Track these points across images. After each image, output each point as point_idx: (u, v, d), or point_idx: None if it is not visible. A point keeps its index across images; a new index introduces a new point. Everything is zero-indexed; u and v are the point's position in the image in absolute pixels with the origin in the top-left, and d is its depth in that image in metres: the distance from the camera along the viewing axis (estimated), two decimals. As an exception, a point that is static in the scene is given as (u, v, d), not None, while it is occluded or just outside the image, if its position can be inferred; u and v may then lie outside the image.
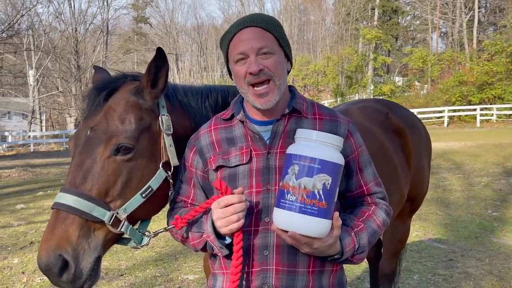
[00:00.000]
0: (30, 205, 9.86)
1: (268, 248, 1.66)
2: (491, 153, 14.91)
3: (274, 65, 1.68)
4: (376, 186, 1.82)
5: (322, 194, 1.49)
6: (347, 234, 1.64)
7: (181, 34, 60.98)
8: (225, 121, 1.85)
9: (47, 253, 1.66)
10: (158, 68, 1.89)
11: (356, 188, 1.80)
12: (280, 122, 1.75)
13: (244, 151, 1.74)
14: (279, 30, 1.75)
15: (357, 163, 1.79)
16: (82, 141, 1.83)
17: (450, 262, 5.42)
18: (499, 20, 41.55)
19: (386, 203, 1.83)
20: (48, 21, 38.33)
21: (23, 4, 31.05)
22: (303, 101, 1.82)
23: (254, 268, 1.68)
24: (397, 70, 50.33)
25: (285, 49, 1.77)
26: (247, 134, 1.77)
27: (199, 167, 1.85)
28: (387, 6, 48.73)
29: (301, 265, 1.66)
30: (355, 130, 1.83)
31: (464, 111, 31.22)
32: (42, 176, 15.37)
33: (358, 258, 1.69)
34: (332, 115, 1.81)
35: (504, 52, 31.23)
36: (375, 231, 1.72)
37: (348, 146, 1.76)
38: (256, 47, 1.67)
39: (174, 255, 6.02)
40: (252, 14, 1.81)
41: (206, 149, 1.83)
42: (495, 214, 7.59)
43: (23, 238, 7.11)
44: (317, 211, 1.49)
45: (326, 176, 1.50)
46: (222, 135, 1.82)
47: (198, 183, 1.87)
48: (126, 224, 1.78)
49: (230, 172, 1.75)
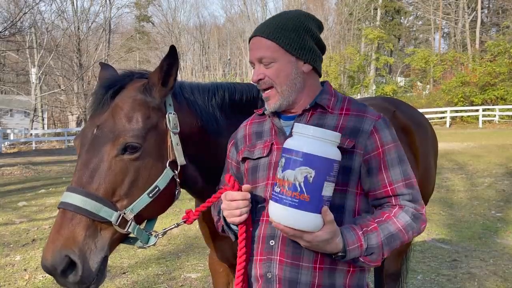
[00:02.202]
0: (32, 203, 9.85)
1: (275, 238, 1.69)
2: (493, 154, 14.87)
3: (275, 73, 1.73)
4: (404, 188, 1.70)
5: (303, 187, 1.48)
6: (352, 232, 1.59)
7: (183, 33, 60.99)
8: (259, 116, 1.93)
9: (53, 253, 1.64)
10: (171, 66, 1.89)
11: (379, 188, 1.71)
12: (302, 118, 1.76)
13: (266, 144, 1.80)
14: (289, 35, 1.72)
15: (381, 161, 1.70)
16: (88, 139, 1.81)
17: (454, 263, 5.39)
18: (502, 21, 41.52)
19: (415, 206, 1.70)
20: (51, 19, 38.41)
21: (26, 2, 31.04)
22: (331, 97, 1.81)
23: (260, 256, 1.73)
24: (399, 70, 50.29)
25: (295, 53, 1.73)
26: (273, 129, 1.82)
27: (234, 159, 1.94)
28: (390, 6, 48.65)
29: (305, 259, 1.65)
30: (385, 127, 1.74)
31: (467, 112, 31.19)
32: (44, 174, 15.37)
33: (369, 260, 1.61)
34: (360, 111, 1.76)
35: (507, 53, 31.21)
36: (393, 234, 1.63)
37: (370, 143, 1.70)
38: (257, 57, 1.75)
39: (177, 253, 6.00)
40: (268, 19, 1.83)
41: (240, 142, 1.92)
42: (499, 214, 7.55)
43: (25, 236, 7.10)
44: (298, 203, 1.48)
45: (308, 169, 1.48)
46: (254, 129, 1.90)
47: (233, 173, 1.93)
48: (133, 224, 1.78)
49: (253, 164, 1.81)
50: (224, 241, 2.47)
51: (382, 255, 1.62)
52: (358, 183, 1.71)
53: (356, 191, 1.72)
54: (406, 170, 1.73)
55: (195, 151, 2.04)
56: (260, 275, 1.72)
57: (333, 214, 1.56)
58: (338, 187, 1.61)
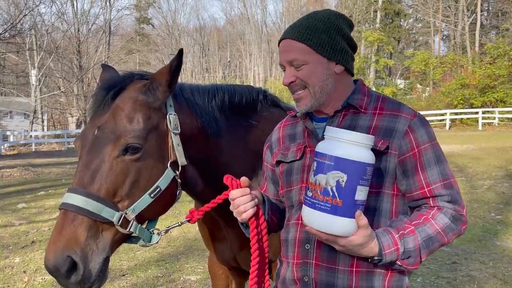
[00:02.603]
0: (31, 205, 9.85)
1: (310, 242, 1.70)
2: (493, 156, 14.87)
3: (307, 74, 1.70)
4: (442, 188, 1.64)
5: (335, 191, 1.47)
6: (389, 236, 1.55)
7: (183, 35, 61.05)
8: (292, 118, 1.92)
9: (55, 254, 1.65)
10: (178, 68, 1.90)
11: (416, 189, 1.65)
12: (335, 119, 1.74)
13: (299, 147, 1.80)
14: (319, 36, 1.69)
15: (417, 162, 1.64)
16: (89, 140, 1.82)
17: (453, 265, 5.39)
18: (501, 23, 41.57)
19: (454, 206, 1.64)
20: (51, 21, 38.46)
21: (26, 4, 31.12)
22: (363, 96, 1.76)
23: (297, 259, 1.73)
24: (399, 72, 50.33)
25: (327, 54, 1.71)
26: (305, 131, 1.82)
27: (269, 161, 1.97)
28: (390, 8, 48.73)
29: (341, 263, 1.64)
30: (421, 125, 1.66)
31: (466, 114, 31.21)
32: (43, 176, 15.37)
33: (407, 264, 1.56)
34: (394, 110, 1.71)
35: (507, 55, 31.23)
36: (431, 237, 1.58)
37: (405, 143, 1.64)
38: (287, 60, 1.72)
39: (176, 255, 6.00)
40: (297, 21, 1.79)
41: (274, 144, 1.94)
42: (498, 217, 7.55)
43: (24, 238, 7.09)
44: (330, 208, 1.47)
45: (340, 173, 1.46)
46: (287, 131, 1.91)
47: (269, 175, 1.98)
48: (135, 224, 1.78)
49: (287, 167, 1.82)
50: (223, 243, 2.48)
51: (420, 258, 1.58)
52: (394, 184, 1.68)
53: (393, 192, 1.68)
54: (444, 169, 1.67)
55: (195, 152, 2.04)
56: (298, 279, 1.73)
57: (369, 216, 1.54)
58: (372, 189, 1.59)
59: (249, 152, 2.29)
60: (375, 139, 1.57)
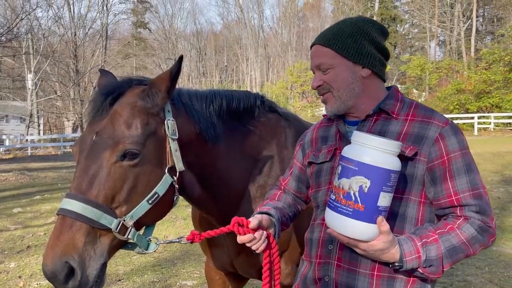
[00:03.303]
0: (27, 209, 9.80)
1: (333, 243, 1.73)
2: (489, 162, 14.90)
3: (332, 78, 1.77)
4: (471, 198, 1.62)
5: (358, 196, 1.48)
6: (411, 243, 1.55)
7: (180, 39, 61.08)
8: (327, 120, 1.97)
9: (53, 260, 1.64)
10: (177, 74, 1.91)
11: (444, 197, 1.64)
12: (366, 123, 1.77)
13: (330, 149, 1.85)
14: (345, 41, 1.74)
15: (446, 170, 1.63)
16: (87, 146, 1.81)
17: (449, 270, 5.39)
18: (497, 29, 41.81)
19: (482, 217, 1.61)
20: (47, 25, 38.32)
21: (23, 8, 31.02)
22: (396, 102, 1.77)
23: (319, 259, 1.78)
24: (395, 77, 50.44)
25: (352, 58, 1.74)
26: (337, 134, 1.86)
27: (300, 160, 2.02)
28: (386, 14, 48.99)
29: (363, 266, 1.66)
30: (452, 134, 1.67)
31: (462, 119, 31.29)
32: (39, 180, 15.30)
33: (428, 272, 1.56)
34: (426, 116, 1.71)
35: (502, 61, 31.36)
36: (455, 247, 1.56)
37: (434, 150, 1.64)
38: (315, 64, 1.80)
39: (172, 260, 5.98)
40: (328, 27, 1.85)
41: (307, 145, 1.99)
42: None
43: (19, 242, 7.06)
44: (352, 212, 1.48)
45: (363, 178, 1.47)
46: (320, 133, 1.96)
47: (295, 173, 2.03)
48: (133, 231, 1.78)
49: (317, 168, 1.87)
50: (221, 248, 2.48)
51: (443, 267, 1.57)
52: (422, 192, 1.67)
53: (420, 199, 1.68)
54: (474, 179, 1.65)
55: (192, 158, 2.04)
56: (318, 278, 1.76)
57: (393, 222, 1.58)
58: (398, 194, 1.61)
59: (247, 157, 2.30)
60: (403, 145, 1.59)
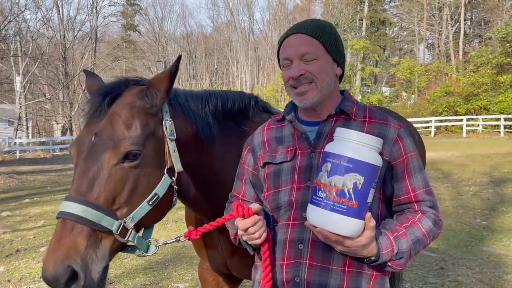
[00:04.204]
0: (16, 213, 9.70)
1: (304, 242, 1.71)
2: (478, 163, 15.06)
3: (317, 69, 1.76)
4: (425, 194, 1.77)
5: (352, 193, 1.49)
6: (386, 237, 1.63)
7: (170, 42, 60.94)
8: (277, 122, 1.95)
9: (55, 264, 1.61)
10: (175, 74, 1.89)
11: (403, 194, 1.76)
12: (327, 123, 1.81)
13: (290, 149, 1.82)
14: (328, 36, 1.79)
15: (405, 168, 1.75)
16: (86, 147, 1.78)
17: (441, 271, 5.43)
18: (484, 32, 42.21)
19: (435, 212, 1.77)
20: (36, 27, 38.10)
21: (11, 10, 30.89)
22: (353, 104, 1.85)
23: (288, 260, 1.74)
24: (384, 80, 50.81)
25: (333, 54, 1.81)
26: (295, 134, 1.85)
27: (251, 165, 1.95)
28: (375, 17, 49.26)
29: (335, 263, 1.68)
30: (407, 135, 1.80)
31: (451, 122, 31.57)
32: (28, 183, 15.17)
33: (397, 264, 1.65)
34: (382, 119, 1.81)
35: (490, 63, 31.71)
36: (419, 239, 1.68)
37: (396, 150, 1.75)
38: (300, 53, 1.76)
39: (164, 263, 5.95)
40: (305, 20, 1.88)
41: (257, 148, 1.94)
42: (484, 223, 7.63)
43: (8, 246, 6.98)
44: (346, 209, 1.49)
45: (357, 175, 1.49)
46: (272, 134, 1.93)
47: (249, 179, 1.96)
48: (133, 233, 1.76)
49: (275, 169, 1.83)
50: (215, 250, 2.47)
51: (408, 259, 1.67)
52: (381, 189, 1.75)
53: (380, 196, 1.76)
54: (425, 177, 1.80)
55: (188, 158, 2.03)
56: (287, 280, 1.73)
57: None
58: None
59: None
60: None
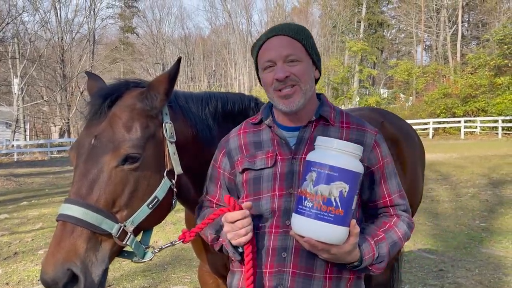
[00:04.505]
0: (13, 215, 9.68)
1: (287, 250, 1.69)
2: (476, 165, 15.07)
3: (301, 71, 1.73)
4: (399, 198, 1.82)
5: (338, 202, 1.50)
6: (367, 242, 1.64)
7: (168, 44, 60.93)
8: (254, 125, 1.90)
9: (54, 267, 1.59)
10: (176, 76, 1.88)
11: (379, 199, 1.79)
12: (307, 129, 1.78)
13: (270, 155, 1.77)
14: (308, 39, 1.79)
15: (382, 174, 1.79)
16: (86, 149, 1.77)
17: (440, 273, 5.42)
18: (482, 34, 42.37)
19: (408, 216, 1.82)
20: (34, 29, 37.98)
21: (9, 12, 30.84)
22: (331, 109, 1.84)
23: (271, 268, 1.71)
24: (382, 82, 50.91)
25: (313, 57, 1.80)
26: (274, 139, 1.81)
27: (227, 169, 1.88)
28: (373, 19, 49.38)
29: (318, 270, 1.67)
30: (383, 140, 1.83)
31: (449, 123, 31.64)
32: (26, 186, 15.13)
33: (377, 268, 1.68)
34: (360, 125, 1.82)
35: (487, 65, 31.82)
36: (396, 242, 1.72)
37: (374, 156, 1.77)
38: (284, 54, 1.72)
39: (163, 265, 5.93)
40: (283, 23, 1.85)
41: (234, 152, 1.87)
42: (483, 224, 7.63)
43: (6, 249, 6.95)
44: (334, 218, 1.49)
45: (343, 183, 1.50)
46: (250, 138, 1.87)
47: (224, 184, 1.90)
48: (131, 238, 1.75)
49: (255, 175, 1.78)
50: (215, 252, 2.45)
51: (387, 263, 1.70)
52: (358, 194, 1.72)
53: (358, 202, 1.73)
54: (399, 182, 1.84)
55: (188, 160, 2.02)
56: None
57: None
58: None
59: None
60: None
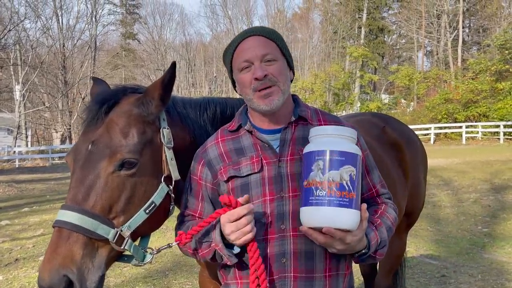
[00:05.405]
0: (15, 221, 9.66)
1: (286, 255, 1.67)
2: (478, 170, 15.02)
3: (278, 71, 1.73)
4: (382, 188, 1.88)
5: (350, 185, 1.51)
6: (371, 228, 1.66)
7: (169, 50, 61.08)
8: (231, 132, 1.87)
9: (50, 273, 1.59)
10: (170, 81, 1.87)
11: (366, 191, 1.83)
12: (288, 130, 1.78)
13: (255, 160, 1.75)
14: (281, 41, 1.83)
15: (365, 166, 1.82)
16: (82, 155, 1.77)
17: (443, 278, 5.39)
18: (482, 39, 42.37)
19: (392, 202, 1.89)
20: (36, 36, 38.11)
21: (11, 19, 30.93)
22: (307, 109, 1.87)
23: (272, 276, 1.67)
24: (383, 87, 50.93)
25: (287, 58, 1.83)
26: (256, 144, 1.79)
27: (208, 180, 1.84)
28: (374, 25, 49.46)
29: (318, 270, 1.67)
30: (360, 135, 1.86)
31: (450, 129, 31.58)
32: (27, 192, 15.12)
33: (380, 254, 1.69)
34: (336, 122, 1.87)
35: (488, 70, 31.80)
36: (390, 227, 1.76)
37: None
38: (261, 54, 1.72)
39: (164, 271, 5.91)
40: (254, 26, 1.87)
41: (215, 161, 1.82)
42: (485, 230, 7.60)
43: (8, 255, 6.94)
44: (348, 202, 1.51)
45: (351, 167, 1.53)
46: (230, 146, 1.83)
47: (207, 196, 1.85)
48: (129, 242, 1.74)
49: (242, 182, 1.74)
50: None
51: (387, 247, 1.71)
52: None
53: None
54: (378, 173, 1.91)
55: (186, 166, 2.01)
56: None
57: None
58: None
59: None
60: None
